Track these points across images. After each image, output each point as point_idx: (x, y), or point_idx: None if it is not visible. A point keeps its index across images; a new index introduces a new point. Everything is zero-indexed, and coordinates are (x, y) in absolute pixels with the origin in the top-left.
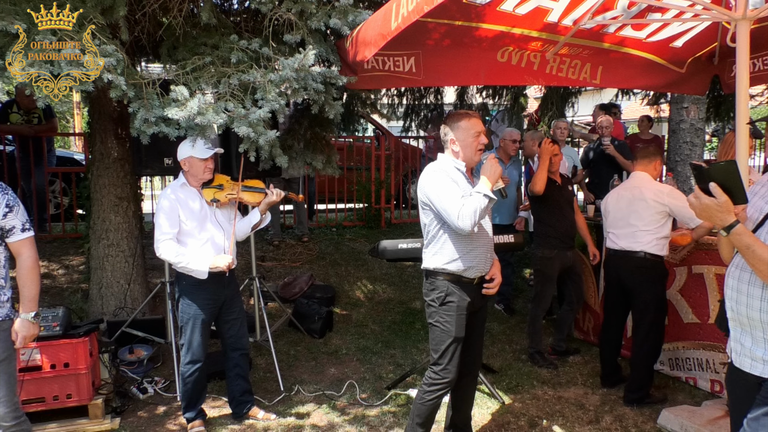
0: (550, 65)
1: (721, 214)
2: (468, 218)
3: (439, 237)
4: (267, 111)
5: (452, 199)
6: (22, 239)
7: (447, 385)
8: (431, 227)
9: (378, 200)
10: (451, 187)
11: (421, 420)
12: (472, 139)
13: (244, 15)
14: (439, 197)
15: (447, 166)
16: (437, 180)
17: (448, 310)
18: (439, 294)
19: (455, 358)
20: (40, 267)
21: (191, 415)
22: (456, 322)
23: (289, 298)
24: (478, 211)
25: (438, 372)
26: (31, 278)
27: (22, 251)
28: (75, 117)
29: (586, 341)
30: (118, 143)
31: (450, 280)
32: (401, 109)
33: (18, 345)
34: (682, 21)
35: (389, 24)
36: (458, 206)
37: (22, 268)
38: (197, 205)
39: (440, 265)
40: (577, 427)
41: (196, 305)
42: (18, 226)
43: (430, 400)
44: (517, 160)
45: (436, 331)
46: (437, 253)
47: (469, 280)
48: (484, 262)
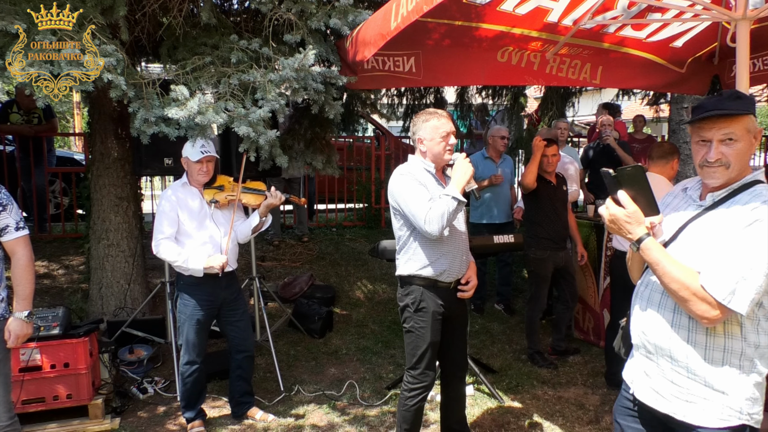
0: (550, 65)
1: (630, 225)
2: (435, 222)
3: (410, 243)
4: (267, 111)
5: (419, 203)
6: (16, 238)
7: (425, 389)
8: (402, 232)
9: (378, 200)
10: (418, 190)
11: (408, 425)
12: (440, 139)
13: (244, 15)
14: (406, 201)
15: (415, 167)
16: (404, 183)
17: (423, 315)
18: (413, 300)
19: (432, 362)
20: (34, 266)
21: (191, 415)
22: (431, 327)
23: (289, 298)
24: (446, 215)
25: (416, 376)
26: (26, 277)
27: (16, 250)
28: (75, 117)
29: (586, 341)
30: (118, 143)
31: (424, 286)
32: (401, 109)
33: (10, 344)
34: (682, 21)
35: (389, 24)
36: (425, 210)
37: (17, 267)
38: (196, 204)
39: (414, 271)
40: (577, 427)
41: (192, 304)
42: (12, 224)
43: (412, 405)
44: (508, 158)
45: (411, 337)
46: (410, 260)
47: (445, 285)
48: (459, 265)
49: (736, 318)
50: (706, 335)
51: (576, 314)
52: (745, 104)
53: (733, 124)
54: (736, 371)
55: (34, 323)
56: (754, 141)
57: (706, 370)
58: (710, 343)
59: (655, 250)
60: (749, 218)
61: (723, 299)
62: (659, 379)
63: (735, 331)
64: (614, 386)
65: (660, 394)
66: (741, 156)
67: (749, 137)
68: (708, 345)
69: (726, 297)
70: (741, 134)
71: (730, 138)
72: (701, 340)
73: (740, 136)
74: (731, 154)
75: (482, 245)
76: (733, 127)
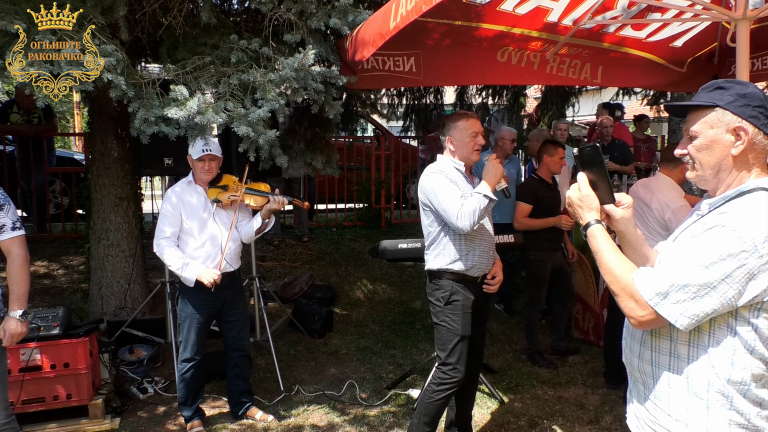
0: (550, 65)
1: (581, 210)
2: (467, 218)
3: (441, 238)
4: (267, 111)
5: (451, 200)
6: (12, 237)
7: (456, 384)
8: (432, 228)
9: (378, 200)
10: (450, 187)
11: (428, 419)
12: (468, 139)
13: (244, 15)
14: (439, 198)
15: (446, 166)
16: (436, 181)
17: (454, 309)
18: (444, 293)
19: (463, 357)
20: (29, 266)
21: (189, 413)
22: (462, 321)
23: (289, 298)
24: (477, 212)
25: (447, 371)
26: (21, 276)
27: (12, 249)
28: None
29: (586, 341)
30: (118, 143)
31: (454, 280)
32: (401, 109)
33: (5, 343)
34: (682, 21)
35: (388, 24)
36: (457, 206)
37: (12, 266)
38: (199, 202)
39: (444, 265)
40: (577, 427)
41: (193, 305)
42: (8, 224)
43: (438, 399)
44: (515, 159)
45: (442, 331)
46: (440, 254)
47: (473, 279)
48: (487, 260)
49: (701, 341)
50: (670, 356)
51: (576, 314)
52: (716, 96)
53: (692, 118)
54: (701, 403)
55: (31, 323)
56: (729, 140)
57: (668, 397)
58: (673, 365)
59: (600, 238)
60: (712, 222)
61: (650, 299)
62: (637, 403)
63: (700, 355)
64: (613, 385)
65: (638, 418)
66: (706, 155)
67: (715, 134)
68: (672, 367)
69: (653, 298)
70: (700, 129)
71: (690, 135)
72: (664, 362)
73: (699, 132)
74: (693, 152)
75: None
76: (693, 121)
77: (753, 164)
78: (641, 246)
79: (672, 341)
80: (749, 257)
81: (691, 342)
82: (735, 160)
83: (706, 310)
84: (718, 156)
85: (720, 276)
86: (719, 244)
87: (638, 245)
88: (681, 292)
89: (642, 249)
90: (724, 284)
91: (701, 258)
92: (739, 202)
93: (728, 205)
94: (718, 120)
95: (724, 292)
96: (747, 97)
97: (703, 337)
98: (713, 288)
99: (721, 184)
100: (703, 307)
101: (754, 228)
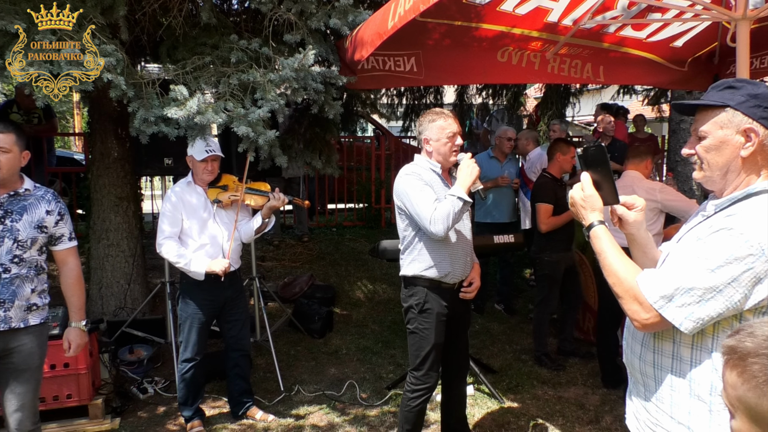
0: (551, 65)
1: (584, 210)
2: (440, 222)
3: (416, 243)
4: (267, 111)
5: (424, 203)
6: (69, 248)
7: (428, 390)
8: (407, 233)
9: (378, 200)
10: (424, 190)
11: (410, 426)
12: (446, 140)
13: (243, 15)
14: (412, 201)
15: (421, 167)
16: (409, 183)
17: (427, 317)
18: (418, 301)
19: (436, 364)
20: None
21: (188, 413)
22: (435, 329)
23: (289, 298)
24: (451, 215)
25: (419, 377)
26: (79, 287)
27: (68, 260)
28: (75, 117)
29: (586, 341)
30: (118, 143)
31: (428, 287)
32: (401, 109)
33: (71, 353)
34: (682, 21)
35: (386, 23)
36: (430, 210)
37: (69, 277)
38: (199, 203)
39: (418, 272)
40: (577, 427)
41: (194, 305)
42: (66, 234)
43: (415, 406)
44: (514, 158)
45: (415, 338)
46: (415, 260)
47: (448, 286)
48: (463, 267)
49: (705, 344)
50: (672, 359)
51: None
52: (727, 96)
53: (701, 118)
54: (704, 407)
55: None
56: (739, 141)
57: (671, 400)
58: (676, 367)
59: (604, 239)
60: (719, 225)
61: (654, 302)
62: (638, 404)
63: (703, 359)
64: (611, 386)
65: (638, 419)
66: (715, 156)
67: (725, 135)
68: (674, 369)
69: (658, 301)
70: (709, 130)
71: (699, 135)
72: (666, 364)
73: (708, 132)
74: (701, 153)
75: (482, 245)
76: (702, 120)
77: (762, 166)
78: (651, 249)
79: (675, 344)
80: (756, 261)
81: (694, 345)
82: (744, 161)
83: (711, 314)
84: (726, 157)
85: (726, 280)
86: (726, 248)
87: (648, 248)
88: (686, 295)
89: (651, 252)
90: (731, 288)
91: (707, 261)
92: (746, 205)
93: (735, 208)
94: (729, 120)
95: (730, 296)
96: (758, 97)
97: (707, 340)
98: (719, 292)
99: (728, 185)
100: (708, 310)
101: (762, 232)
